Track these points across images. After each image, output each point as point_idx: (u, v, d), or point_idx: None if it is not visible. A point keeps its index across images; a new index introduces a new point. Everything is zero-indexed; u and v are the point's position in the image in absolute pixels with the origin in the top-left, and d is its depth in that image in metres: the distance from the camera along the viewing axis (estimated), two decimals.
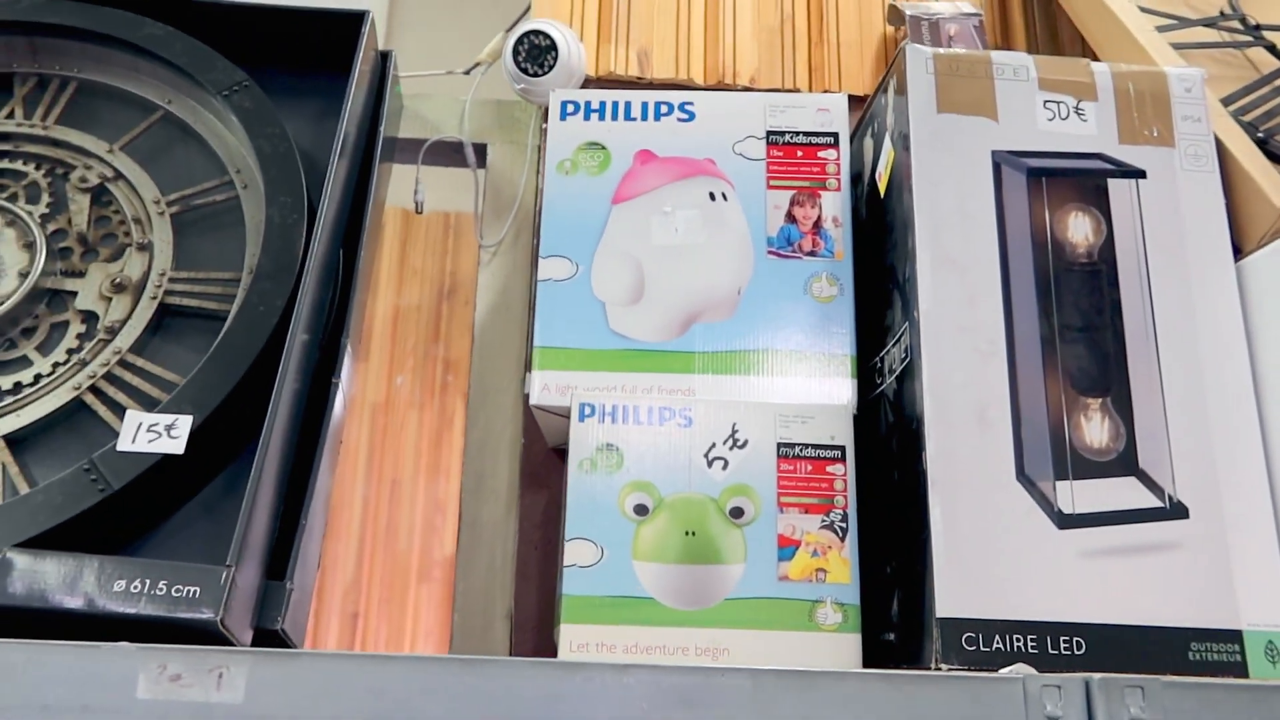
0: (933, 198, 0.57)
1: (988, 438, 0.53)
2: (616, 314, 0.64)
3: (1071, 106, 0.60)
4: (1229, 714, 0.39)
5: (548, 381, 0.62)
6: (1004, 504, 0.52)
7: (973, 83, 0.60)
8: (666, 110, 0.69)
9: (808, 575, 0.56)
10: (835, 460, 0.58)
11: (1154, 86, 0.60)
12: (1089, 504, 0.52)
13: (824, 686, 0.38)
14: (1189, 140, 0.59)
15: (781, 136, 0.67)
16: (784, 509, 0.57)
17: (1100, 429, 0.54)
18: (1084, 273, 0.56)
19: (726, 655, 0.54)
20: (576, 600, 0.55)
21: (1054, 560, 0.51)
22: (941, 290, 0.56)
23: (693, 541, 0.56)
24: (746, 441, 0.58)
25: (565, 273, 0.65)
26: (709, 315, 0.63)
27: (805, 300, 0.63)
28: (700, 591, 0.55)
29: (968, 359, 0.54)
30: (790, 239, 0.65)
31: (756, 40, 0.85)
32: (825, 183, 0.66)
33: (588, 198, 0.67)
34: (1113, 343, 0.55)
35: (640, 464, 0.57)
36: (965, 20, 0.81)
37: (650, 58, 0.83)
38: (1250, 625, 0.51)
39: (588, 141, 0.68)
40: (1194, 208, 0.58)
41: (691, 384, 0.62)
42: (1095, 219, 0.57)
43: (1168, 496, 0.53)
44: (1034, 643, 0.49)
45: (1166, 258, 0.57)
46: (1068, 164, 0.58)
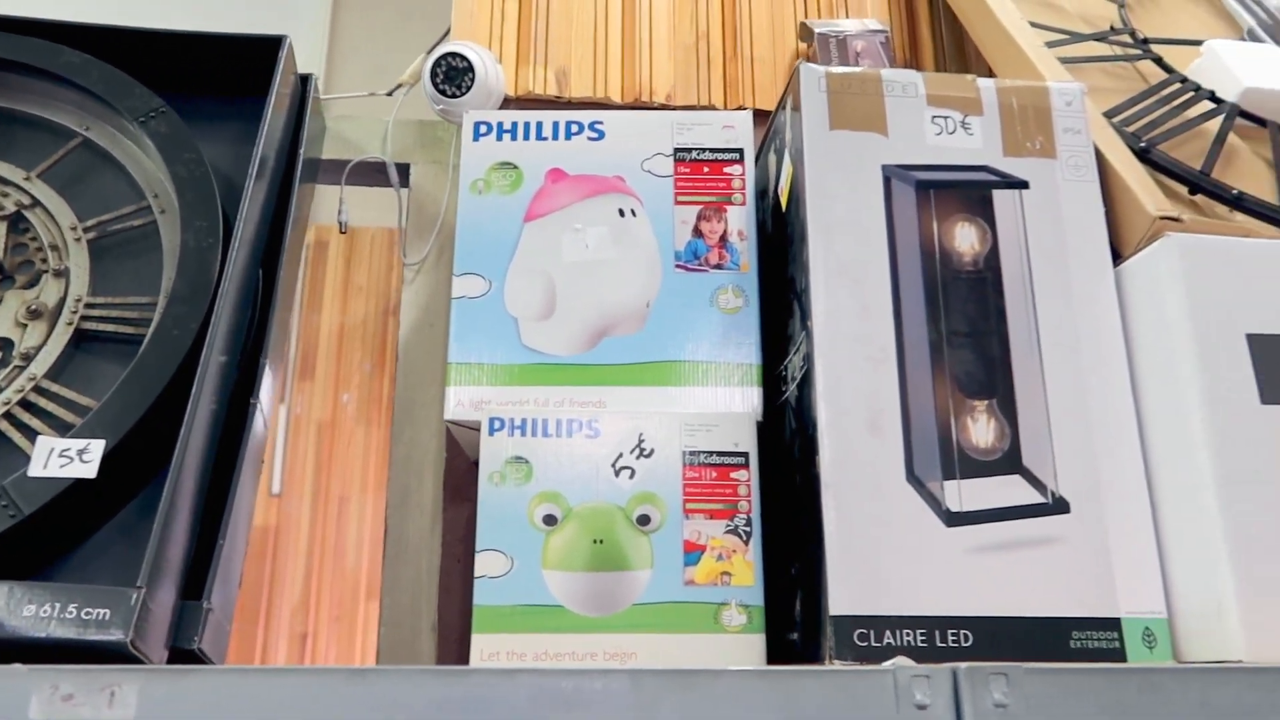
0: (826, 211, 0.59)
1: (879, 441, 0.55)
2: (529, 329, 0.65)
3: (958, 121, 0.62)
4: (1085, 697, 0.41)
5: (462, 397, 0.64)
6: (894, 504, 0.54)
7: (864, 100, 0.62)
8: (577, 129, 0.70)
9: (713, 579, 0.57)
10: (739, 466, 0.60)
11: (1036, 100, 0.63)
12: (975, 502, 0.54)
13: (702, 685, 0.40)
14: (1070, 151, 0.62)
15: (688, 153, 0.69)
16: (690, 515, 0.59)
17: (986, 430, 0.56)
18: (970, 280, 0.59)
19: (634, 660, 0.56)
20: (487, 610, 0.56)
21: (942, 557, 0.53)
22: (834, 300, 0.58)
23: (601, 549, 0.58)
24: (653, 450, 0.60)
25: (479, 290, 0.66)
26: (619, 329, 0.65)
27: (712, 312, 0.65)
28: (608, 598, 0.57)
29: (860, 366, 0.56)
30: (697, 253, 0.67)
31: (672, 58, 0.87)
32: (731, 197, 0.68)
33: (500, 216, 0.68)
34: (998, 347, 0.57)
35: (549, 475, 0.59)
36: (872, 37, 0.83)
37: (568, 77, 0.85)
38: (1128, 613, 0.53)
39: (500, 161, 0.70)
40: (1075, 216, 0.61)
41: (602, 396, 0.63)
42: (981, 229, 0.60)
43: (1050, 493, 0.55)
44: (923, 636, 0.52)
45: (1049, 264, 0.59)
46: (954, 176, 0.61)
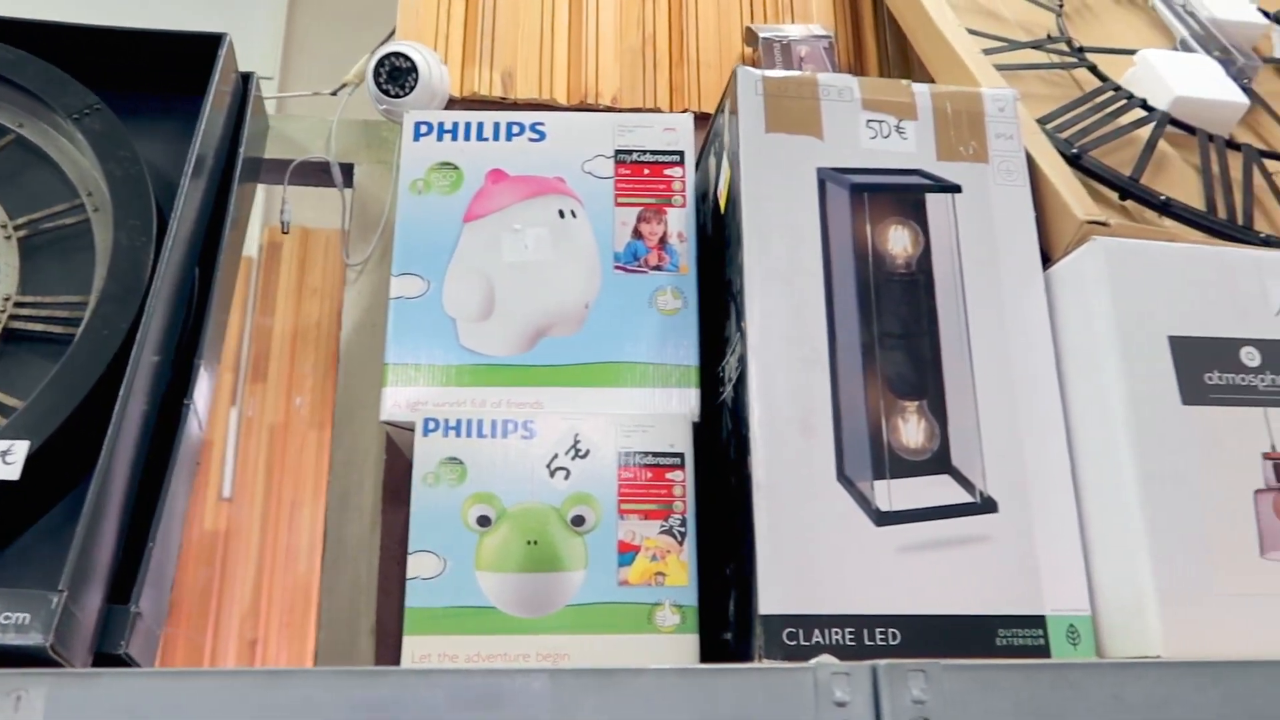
0: (761, 213, 0.60)
1: (811, 441, 0.55)
2: (467, 330, 0.65)
3: (893, 125, 0.63)
4: (1001, 692, 0.42)
5: (399, 398, 0.63)
6: (825, 504, 0.54)
7: (800, 104, 0.62)
8: (518, 130, 0.70)
9: (647, 579, 0.58)
10: (675, 467, 0.60)
11: (970, 106, 0.64)
12: (905, 501, 0.55)
13: (622, 683, 0.40)
14: (1002, 156, 0.63)
15: (629, 155, 0.69)
16: (624, 516, 0.59)
17: (916, 430, 0.57)
18: (903, 283, 0.59)
19: (567, 660, 0.55)
20: (419, 612, 0.56)
21: (872, 556, 0.54)
22: (768, 302, 0.58)
23: (534, 550, 0.57)
24: (588, 451, 0.60)
25: (417, 290, 0.66)
26: (557, 330, 0.65)
27: (651, 313, 0.65)
28: (542, 599, 0.57)
29: (793, 367, 0.57)
30: (637, 254, 0.67)
31: (619, 61, 0.87)
32: (671, 200, 0.68)
33: (440, 217, 0.68)
34: (929, 348, 0.58)
35: (483, 476, 0.59)
36: (816, 42, 0.84)
37: (514, 78, 0.85)
38: (1053, 611, 0.54)
39: (440, 161, 0.69)
40: (1006, 220, 0.62)
41: (540, 397, 0.63)
42: (914, 231, 0.60)
43: (978, 492, 0.56)
44: (851, 635, 0.52)
45: (980, 267, 0.60)
46: (888, 180, 0.61)
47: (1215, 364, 0.56)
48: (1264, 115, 0.80)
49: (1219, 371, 0.56)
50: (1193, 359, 0.56)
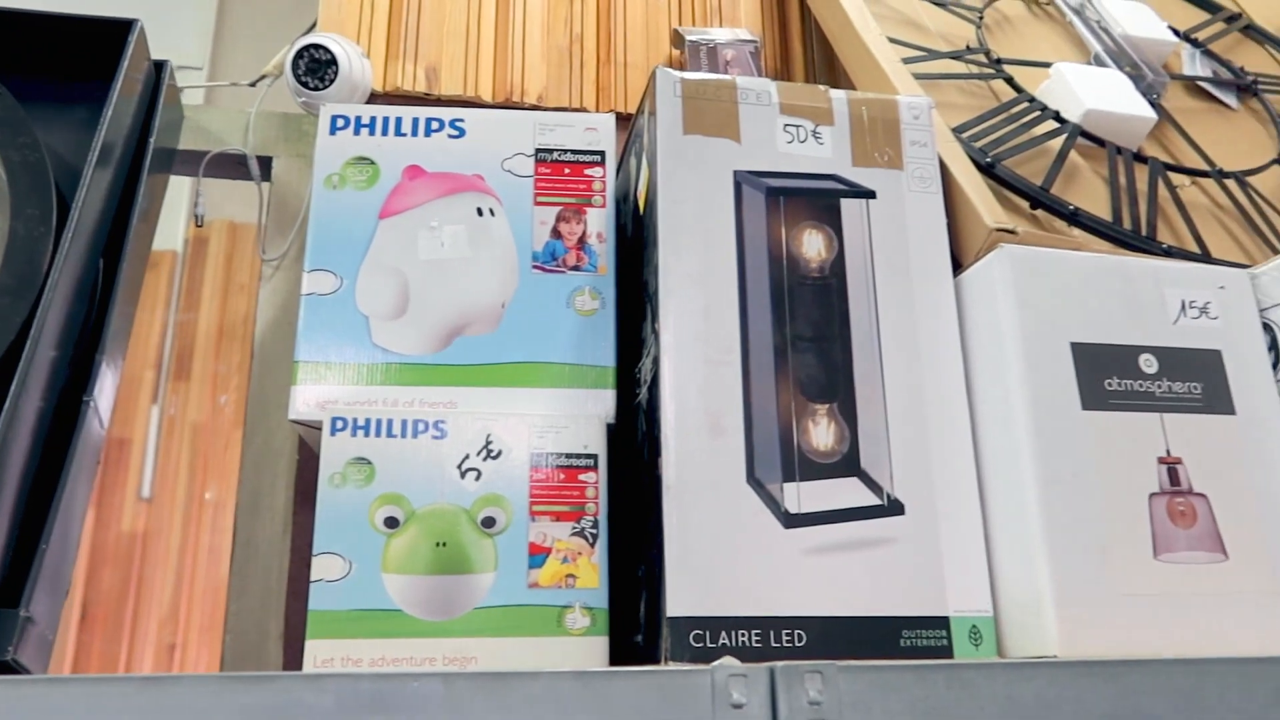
0: (676, 215, 0.60)
1: (721, 443, 0.55)
2: (380, 328, 0.64)
3: (810, 130, 0.63)
4: (896, 693, 0.42)
5: (308, 396, 0.62)
6: (734, 506, 0.54)
7: (718, 106, 0.63)
8: (437, 126, 0.69)
9: (557, 581, 0.57)
10: (588, 469, 0.60)
11: (886, 113, 0.65)
12: (814, 504, 0.55)
13: (517, 686, 0.39)
14: (916, 163, 0.64)
15: (550, 154, 0.69)
16: (536, 517, 0.58)
17: (826, 433, 0.57)
18: (816, 286, 0.60)
19: (474, 664, 0.55)
20: (322, 615, 0.55)
21: (780, 558, 0.54)
22: (682, 303, 0.58)
23: (443, 552, 0.57)
24: (500, 452, 0.59)
25: (329, 287, 0.65)
26: (473, 329, 0.64)
27: (568, 314, 0.65)
28: (450, 602, 0.56)
29: (704, 368, 0.57)
30: (555, 254, 0.67)
31: (546, 60, 0.87)
32: (591, 200, 0.68)
33: (354, 212, 0.67)
34: (840, 352, 0.59)
35: (392, 477, 0.58)
36: (742, 47, 0.85)
37: (439, 74, 0.84)
38: (956, 612, 0.55)
39: (356, 156, 0.68)
40: (918, 226, 0.62)
41: (454, 397, 0.62)
42: (828, 236, 0.61)
43: (886, 495, 0.56)
44: (758, 637, 0.52)
45: (892, 272, 0.61)
46: (804, 184, 0.62)
47: (1115, 370, 0.57)
48: (1171, 130, 0.82)
49: (1118, 378, 0.57)
50: (1093, 365, 0.57)
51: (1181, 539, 0.55)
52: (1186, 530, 0.55)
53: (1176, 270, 0.61)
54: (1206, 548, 0.55)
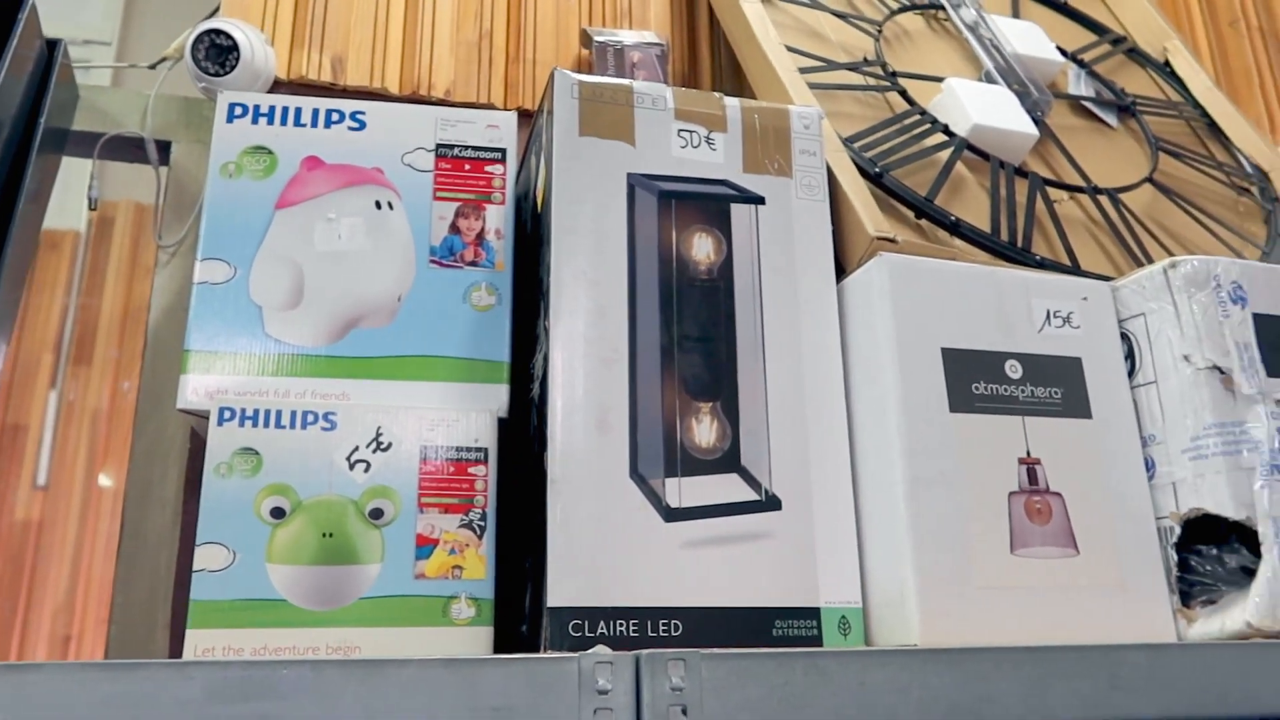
0: (569, 215, 0.61)
1: (606, 439, 0.57)
2: (274, 318, 0.64)
3: (703, 136, 0.65)
4: (755, 680, 0.44)
5: (198, 385, 0.62)
6: (617, 500, 0.56)
7: (614, 109, 0.64)
8: (338, 118, 0.69)
9: (444, 572, 0.58)
10: (478, 462, 0.61)
11: (777, 122, 0.67)
12: (694, 499, 0.57)
13: (386, 674, 0.40)
14: (804, 172, 0.66)
15: (451, 150, 0.70)
16: (424, 509, 0.59)
17: (709, 430, 0.59)
18: (704, 288, 0.62)
19: (358, 653, 0.55)
20: (204, 605, 0.55)
21: (659, 550, 0.56)
22: (573, 301, 0.59)
23: (329, 543, 0.57)
24: (391, 444, 0.60)
25: (223, 276, 0.64)
26: (368, 321, 0.65)
27: (464, 309, 0.66)
28: (335, 592, 0.56)
29: (593, 366, 0.58)
30: (453, 249, 0.67)
31: (454, 54, 0.87)
32: (491, 196, 0.69)
33: (250, 202, 0.66)
34: (725, 352, 0.61)
35: (279, 467, 0.58)
36: (649, 50, 0.86)
37: (344, 64, 0.84)
38: (827, 603, 0.57)
39: (254, 145, 0.68)
40: (805, 233, 0.65)
41: (347, 389, 0.63)
42: (717, 239, 0.63)
43: (764, 490, 0.59)
44: (635, 627, 0.54)
45: (779, 277, 0.63)
46: (696, 188, 0.64)
47: (982, 375, 0.61)
48: (1053, 146, 0.86)
49: (985, 382, 0.61)
50: (962, 370, 0.60)
51: (1037, 535, 0.59)
52: (1042, 527, 0.59)
53: (1044, 281, 0.65)
54: (1060, 544, 0.59)
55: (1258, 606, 0.57)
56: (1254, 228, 0.88)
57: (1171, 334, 0.63)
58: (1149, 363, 0.64)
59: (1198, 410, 0.61)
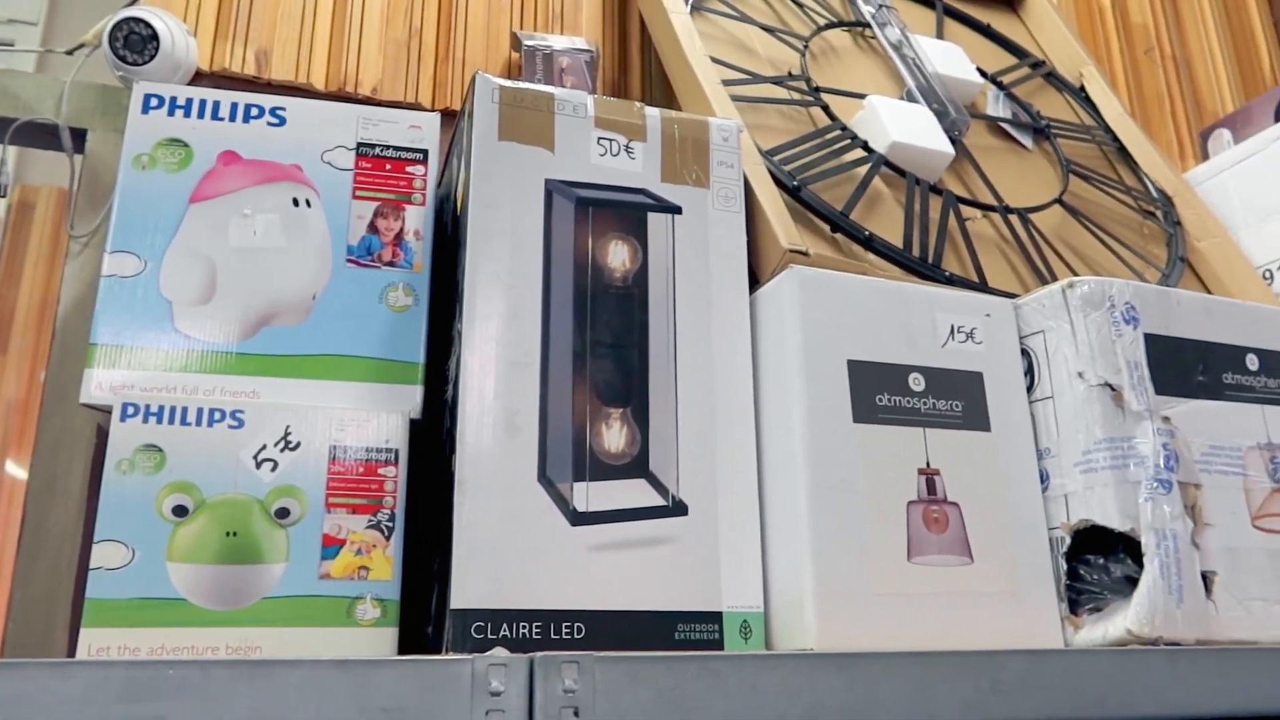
0: (486, 218, 0.61)
1: (515, 442, 0.58)
2: (184, 313, 0.63)
3: (622, 145, 0.66)
4: (648, 682, 0.45)
5: (103, 380, 0.61)
6: (524, 503, 0.57)
7: (535, 115, 0.65)
8: (257, 113, 0.69)
9: (350, 573, 0.58)
10: (388, 463, 0.61)
11: (696, 133, 0.68)
12: (601, 503, 0.58)
13: (276, 675, 0.40)
14: (721, 183, 0.67)
15: (372, 149, 0.69)
16: (331, 509, 0.59)
17: (618, 436, 0.60)
18: (618, 295, 0.62)
19: (259, 654, 0.55)
20: (100, 604, 0.54)
21: (565, 554, 0.56)
22: (487, 305, 0.60)
23: (233, 542, 0.57)
24: (299, 444, 0.60)
25: (132, 269, 0.63)
26: (281, 319, 0.64)
27: (380, 309, 0.66)
28: (237, 591, 0.56)
29: (504, 369, 0.59)
30: (371, 249, 0.67)
31: (383, 52, 0.87)
32: (411, 197, 0.69)
33: (164, 195, 0.65)
34: (637, 359, 0.62)
35: (183, 465, 0.57)
36: (578, 55, 0.87)
37: (269, 58, 0.83)
38: (729, 607, 0.59)
39: (169, 138, 0.67)
40: (720, 243, 0.66)
41: (257, 386, 0.62)
42: (633, 247, 0.64)
43: (671, 496, 0.60)
44: (539, 629, 0.54)
45: (692, 286, 0.64)
46: (613, 196, 0.64)
47: (885, 387, 0.62)
48: (969, 166, 0.89)
49: (888, 394, 0.62)
50: (866, 381, 0.62)
51: (933, 543, 0.60)
52: (939, 535, 0.61)
53: (949, 297, 0.67)
54: (955, 552, 0.61)
55: (1138, 614, 0.59)
56: (1157, 250, 0.92)
57: (1068, 351, 0.66)
58: (1046, 378, 0.67)
59: (1089, 425, 0.64)
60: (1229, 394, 0.68)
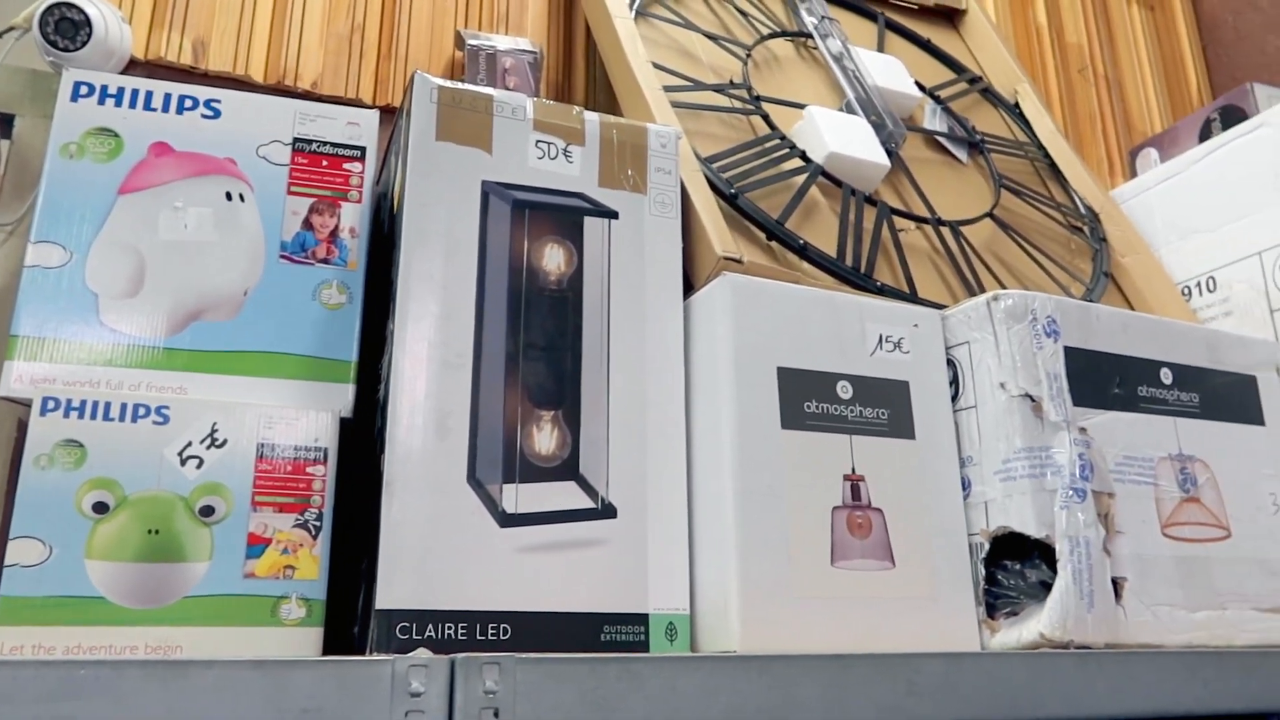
0: (421, 218, 0.61)
1: (445, 443, 0.58)
2: (110, 307, 0.62)
3: (560, 148, 0.66)
4: (569, 684, 0.45)
5: (23, 373, 0.59)
6: (453, 504, 0.57)
7: (473, 116, 0.65)
8: (191, 105, 0.68)
9: (275, 572, 0.58)
10: (317, 462, 0.60)
11: (634, 139, 0.69)
12: (530, 505, 0.58)
13: (191, 675, 0.40)
14: (659, 189, 0.68)
15: (308, 145, 0.69)
16: (258, 508, 0.58)
17: (549, 438, 0.60)
18: (553, 298, 0.63)
19: (179, 653, 0.54)
20: (15, 602, 0.53)
21: (493, 555, 0.57)
22: (420, 305, 0.60)
23: (155, 540, 0.56)
24: (226, 441, 0.59)
25: (57, 260, 0.62)
26: (211, 314, 0.63)
27: (313, 306, 0.65)
28: (158, 590, 0.55)
29: (436, 370, 0.59)
30: (305, 245, 0.67)
31: (324, 46, 0.86)
32: (347, 194, 0.69)
33: (92, 185, 0.64)
34: (570, 362, 0.62)
35: (104, 461, 0.56)
36: (521, 57, 0.87)
37: (207, 48, 0.82)
38: (655, 610, 0.59)
39: (99, 127, 0.66)
40: (655, 249, 0.67)
41: (185, 382, 0.62)
42: (569, 251, 0.64)
43: (600, 499, 0.60)
44: (464, 630, 0.55)
45: (628, 291, 0.65)
46: (550, 200, 0.65)
47: (814, 394, 0.64)
48: (904, 178, 0.91)
49: (816, 401, 0.64)
50: (795, 388, 0.63)
51: (857, 548, 0.62)
52: (862, 540, 0.62)
53: (878, 307, 0.68)
54: (878, 557, 0.62)
55: (1050, 618, 0.61)
56: (1083, 265, 0.95)
57: (991, 362, 0.68)
58: (971, 388, 0.69)
59: (1009, 435, 0.66)
60: (1143, 406, 0.71)
